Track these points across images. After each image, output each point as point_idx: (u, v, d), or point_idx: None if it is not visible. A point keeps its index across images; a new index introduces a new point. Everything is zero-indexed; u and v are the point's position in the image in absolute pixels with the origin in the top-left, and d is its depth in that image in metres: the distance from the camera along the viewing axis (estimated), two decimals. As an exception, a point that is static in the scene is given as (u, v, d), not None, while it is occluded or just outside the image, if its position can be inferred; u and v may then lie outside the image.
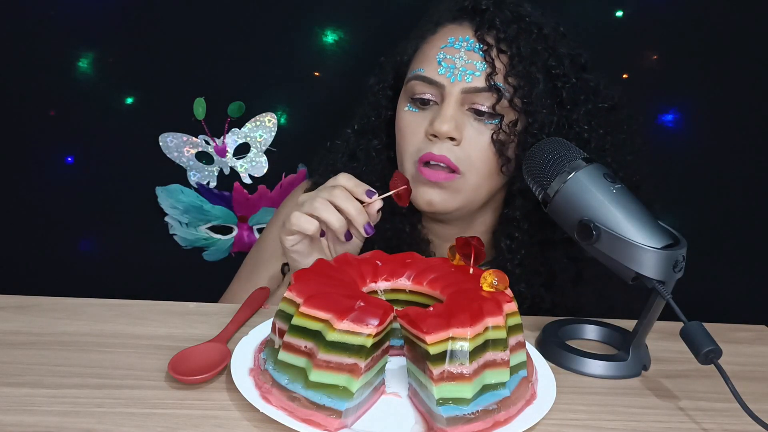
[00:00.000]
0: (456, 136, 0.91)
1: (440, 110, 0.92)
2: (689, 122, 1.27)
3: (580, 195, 0.77)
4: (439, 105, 0.94)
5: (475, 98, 0.92)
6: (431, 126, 0.92)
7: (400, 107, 0.98)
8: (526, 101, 0.92)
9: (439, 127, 0.91)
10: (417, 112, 0.95)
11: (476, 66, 0.92)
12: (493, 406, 0.63)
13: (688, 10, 1.22)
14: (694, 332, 0.70)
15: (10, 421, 0.61)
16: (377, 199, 0.87)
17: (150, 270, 1.32)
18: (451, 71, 0.92)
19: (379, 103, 1.03)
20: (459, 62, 0.92)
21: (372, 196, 0.86)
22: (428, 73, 0.94)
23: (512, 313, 0.68)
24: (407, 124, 0.96)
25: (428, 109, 0.94)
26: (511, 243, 0.98)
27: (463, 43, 0.93)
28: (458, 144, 0.92)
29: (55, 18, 1.22)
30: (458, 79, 0.92)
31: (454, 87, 0.92)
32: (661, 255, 0.73)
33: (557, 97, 0.95)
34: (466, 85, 0.92)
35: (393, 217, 1.01)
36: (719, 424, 0.69)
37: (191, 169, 1.30)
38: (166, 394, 0.66)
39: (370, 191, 0.87)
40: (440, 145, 0.92)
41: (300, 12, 1.23)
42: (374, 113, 1.03)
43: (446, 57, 0.93)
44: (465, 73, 0.92)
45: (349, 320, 0.61)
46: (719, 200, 1.29)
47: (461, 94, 0.92)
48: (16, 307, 0.81)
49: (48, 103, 1.25)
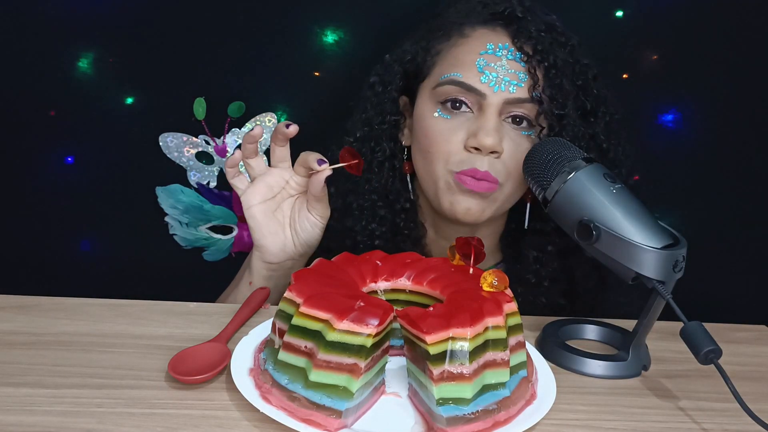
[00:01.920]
0: (499, 149, 0.90)
1: (481, 122, 0.90)
2: (689, 122, 1.27)
3: (580, 195, 0.77)
4: (473, 113, 0.92)
5: (516, 109, 0.91)
6: (474, 139, 0.90)
7: (425, 112, 0.95)
8: (561, 113, 0.91)
9: (485, 141, 0.89)
10: (449, 118, 0.92)
11: (519, 76, 0.90)
12: (493, 406, 0.63)
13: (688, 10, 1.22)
14: (694, 332, 0.70)
15: (10, 421, 0.61)
16: (326, 168, 0.86)
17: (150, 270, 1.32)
18: (494, 80, 0.90)
19: (384, 107, 1.00)
20: (501, 71, 0.90)
21: (322, 164, 0.86)
22: (468, 79, 0.91)
23: (512, 313, 0.68)
24: (439, 132, 0.93)
25: (460, 115, 0.92)
26: (541, 255, 0.97)
27: (503, 51, 0.91)
28: (499, 156, 0.91)
29: (55, 18, 1.21)
30: (501, 89, 0.90)
31: (495, 96, 0.90)
32: (661, 255, 0.73)
33: (580, 109, 0.95)
34: (509, 96, 0.90)
35: (394, 237, 1.00)
36: (719, 424, 0.69)
37: (191, 169, 1.30)
38: (166, 394, 0.66)
39: (321, 160, 0.86)
40: (482, 160, 0.90)
41: (300, 12, 1.23)
42: (377, 119, 1.00)
43: (488, 64, 0.91)
44: (509, 84, 0.90)
45: (349, 320, 0.61)
46: (719, 200, 1.29)
47: (502, 105, 0.90)
48: (16, 307, 0.81)
49: (48, 103, 1.25)
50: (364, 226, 0.99)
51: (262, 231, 0.90)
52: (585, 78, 0.95)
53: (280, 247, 0.91)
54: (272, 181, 0.90)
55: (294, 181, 0.90)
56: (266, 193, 0.90)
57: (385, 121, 0.99)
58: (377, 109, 1.00)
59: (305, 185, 0.89)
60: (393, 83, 0.99)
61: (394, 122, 1.00)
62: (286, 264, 0.92)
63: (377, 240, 0.99)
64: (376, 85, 1.01)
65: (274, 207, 0.91)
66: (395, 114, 1.00)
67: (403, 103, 1.01)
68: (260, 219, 0.90)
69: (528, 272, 0.97)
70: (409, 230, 1.00)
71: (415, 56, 0.98)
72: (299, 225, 0.90)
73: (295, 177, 0.90)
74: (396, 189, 1.01)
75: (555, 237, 0.96)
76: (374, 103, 1.01)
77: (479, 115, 0.91)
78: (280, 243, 0.91)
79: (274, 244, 0.90)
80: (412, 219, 1.01)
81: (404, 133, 1.02)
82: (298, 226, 0.90)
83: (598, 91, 0.96)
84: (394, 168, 1.01)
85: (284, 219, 0.91)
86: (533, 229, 0.99)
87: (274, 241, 0.90)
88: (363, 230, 0.99)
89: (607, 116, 0.96)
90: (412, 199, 1.02)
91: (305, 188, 0.90)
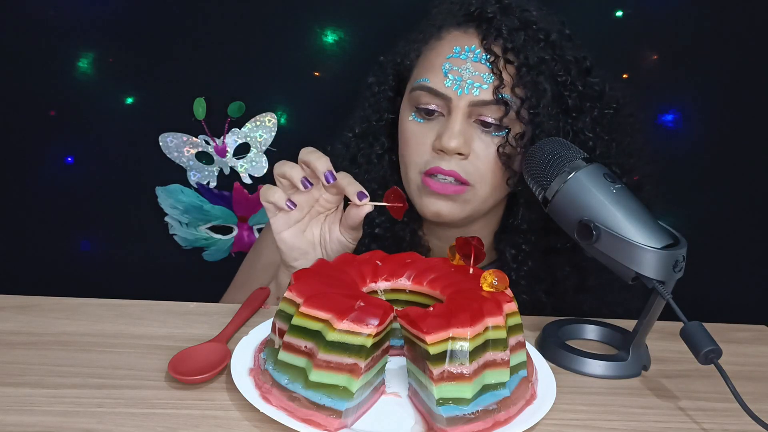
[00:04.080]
0: (464, 151, 0.90)
1: (447, 124, 0.90)
2: (689, 122, 1.27)
3: (580, 195, 0.77)
4: (444, 116, 0.92)
5: (483, 111, 0.90)
6: (439, 141, 0.90)
7: (404, 115, 0.96)
8: (533, 112, 0.90)
9: (448, 144, 0.89)
10: (422, 122, 0.93)
11: (483, 78, 0.90)
12: (493, 406, 0.63)
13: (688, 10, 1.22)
14: (694, 332, 0.70)
15: (10, 421, 0.61)
16: (368, 204, 0.83)
17: (150, 270, 1.32)
18: (458, 83, 0.90)
19: (380, 106, 1.01)
20: (466, 74, 0.90)
21: (363, 199, 0.83)
22: (434, 84, 0.91)
23: (512, 313, 0.68)
24: (412, 135, 0.94)
25: (433, 119, 0.92)
26: (517, 253, 0.97)
27: (470, 54, 0.91)
28: (466, 158, 0.91)
29: (55, 18, 1.21)
30: (465, 92, 0.90)
31: (461, 100, 0.90)
32: (661, 255, 0.73)
33: (563, 105, 0.93)
34: (473, 98, 0.90)
35: (393, 225, 1.00)
36: (719, 424, 0.69)
37: (191, 169, 1.30)
38: (166, 394, 0.66)
39: (362, 194, 0.83)
40: (449, 160, 0.90)
41: (300, 12, 1.23)
42: (375, 116, 1.01)
43: (452, 68, 0.91)
44: (472, 86, 0.89)
45: (349, 320, 0.61)
46: (719, 200, 1.29)
47: (468, 107, 0.90)
48: (16, 307, 0.81)
49: (48, 103, 1.25)
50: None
51: (293, 254, 0.87)
52: (566, 73, 0.93)
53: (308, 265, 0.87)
54: (302, 201, 0.86)
55: (324, 199, 0.87)
56: (296, 216, 0.87)
57: (382, 118, 1.01)
58: (374, 108, 1.02)
59: (335, 202, 0.87)
60: (386, 84, 1.01)
61: (392, 120, 1.01)
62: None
63: (377, 228, 0.99)
64: (372, 85, 1.02)
65: (303, 227, 0.87)
66: (392, 112, 1.01)
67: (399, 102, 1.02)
68: (291, 242, 0.87)
69: (508, 270, 0.97)
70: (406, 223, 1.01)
71: (403, 58, 0.99)
72: (330, 246, 0.88)
73: (325, 195, 0.87)
74: (394, 181, 1.01)
75: (530, 235, 0.96)
76: (371, 103, 1.02)
77: (448, 118, 0.91)
78: (311, 262, 0.85)
79: (304, 264, 0.87)
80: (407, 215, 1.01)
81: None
82: (329, 247, 0.88)
83: (585, 85, 0.95)
84: (393, 162, 1.01)
85: (314, 238, 0.88)
86: (511, 227, 0.99)
87: (305, 261, 0.87)
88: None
89: (594, 111, 0.94)
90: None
91: (335, 205, 0.88)
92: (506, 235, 1.00)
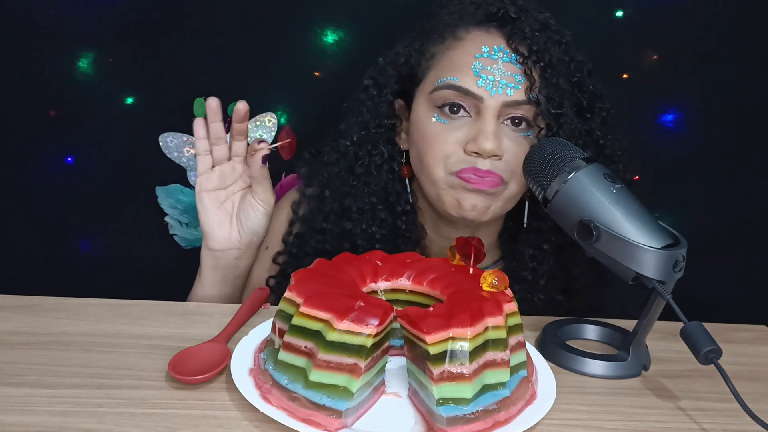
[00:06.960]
0: (500, 153, 0.89)
1: (480, 126, 0.89)
2: (689, 122, 1.27)
3: (580, 195, 0.77)
4: (471, 116, 0.91)
5: (514, 111, 0.90)
6: (474, 143, 0.89)
7: (423, 116, 0.94)
8: (558, 112, 0.91)
9: (484, 146, 0.88)
10: (446, 123, 0.91)
11: (515, 78, 0.89)
12: (493, 406, 0.63)
13: (688, 10, 1.22)
14: (694, 332, 0.70)
15: (10, 421, 0.61)
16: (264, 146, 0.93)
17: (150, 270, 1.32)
18: (491, 84, 0.89)
19: (379, 111, 0.98)
20: (498, 74, 0.89)
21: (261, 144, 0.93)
22: (464, 83, 0.90)
23: (512, 313, 0.68)
24: (437, 136, 0.92)
25: (458, 119, 0.91)
26: (537, 253, 0.97)
27: (499, 54, 0.90)
28: (500, 159, 0.90)
29: (55, 18, 1.21)
30: (498, 93, 0.89)
31: (493, 100, 0.89)
32: (661, 255, 0.73)
33: (577, 105, 0.95)
34: (506, 99, 0.89)
35: (396, 239, 1.00)
36: (719, 424, 0.69)
37: (191, 169, 1.30)
38: (166, 394, 0.66)
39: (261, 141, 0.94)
40: (483, 161, 0.90)
41: (300, 12, 1.23)
42: (374, 123, 0.98)
43: (484, 68, 0.90)
44: (506, 87, 0.89)
45: (349, 320, 0.61)
46: (719, 200, 1.29)
47: (500, 108, 0.89)
48: (16, 307, 0.81)
49: (48, 103, 1.25)
50: (364, 229, 0.98)
51: (208, 217, 0.96)
52: (581, 75, 0.95)
53: (224, 235, 0.96)
54: (227, 171, 0.96)
55: (246, 175, 0.96)
56: (219, 183, 0.96)
57: (381, 124, 0.98)
58: (373, 113, 0.98)
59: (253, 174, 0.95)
60: (388, 86, 0.98)
61: (391, 125, 0.99)
62: (230, 253, 0.97)
63: (377, 243, 0.98)
64: (370, 88, 0.99)
65: (223, 198, 0.96)
66: (391, 117, 0.99)
67: (399, 106, 1.00)
68: (208, 206, 0.96)
69: (524, 270, 0.97)
70: (410, 232, 1.00)
71: (408, 59, 0.97)
72: (243, 213, 0.96)
73: (248, 171, 0.95)
74: (396, 191, 1.00)
75: (551, 235, 0.96)
76: (369, 107, 0.99)
77: (477, 119, 0.90)
78: (225, 232, 0.96)
79: (219, 232, 0.96)
80: (412, 221, 1.01)
81: (401, 137, 1.01)
82: (242, 214, 0.96)
83: (594, 86, 0.96)
84: (393, 170, 1.00)
85: (232, 209, 0.97)
86: (530, 227, 0.99)
87: (220, 230, 0.96)
88: (363, 233, 0.98)
89: (603, 112, 0.96)
90: (411, 201, 1.01)
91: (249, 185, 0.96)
92: (526, 236, 0.99)
